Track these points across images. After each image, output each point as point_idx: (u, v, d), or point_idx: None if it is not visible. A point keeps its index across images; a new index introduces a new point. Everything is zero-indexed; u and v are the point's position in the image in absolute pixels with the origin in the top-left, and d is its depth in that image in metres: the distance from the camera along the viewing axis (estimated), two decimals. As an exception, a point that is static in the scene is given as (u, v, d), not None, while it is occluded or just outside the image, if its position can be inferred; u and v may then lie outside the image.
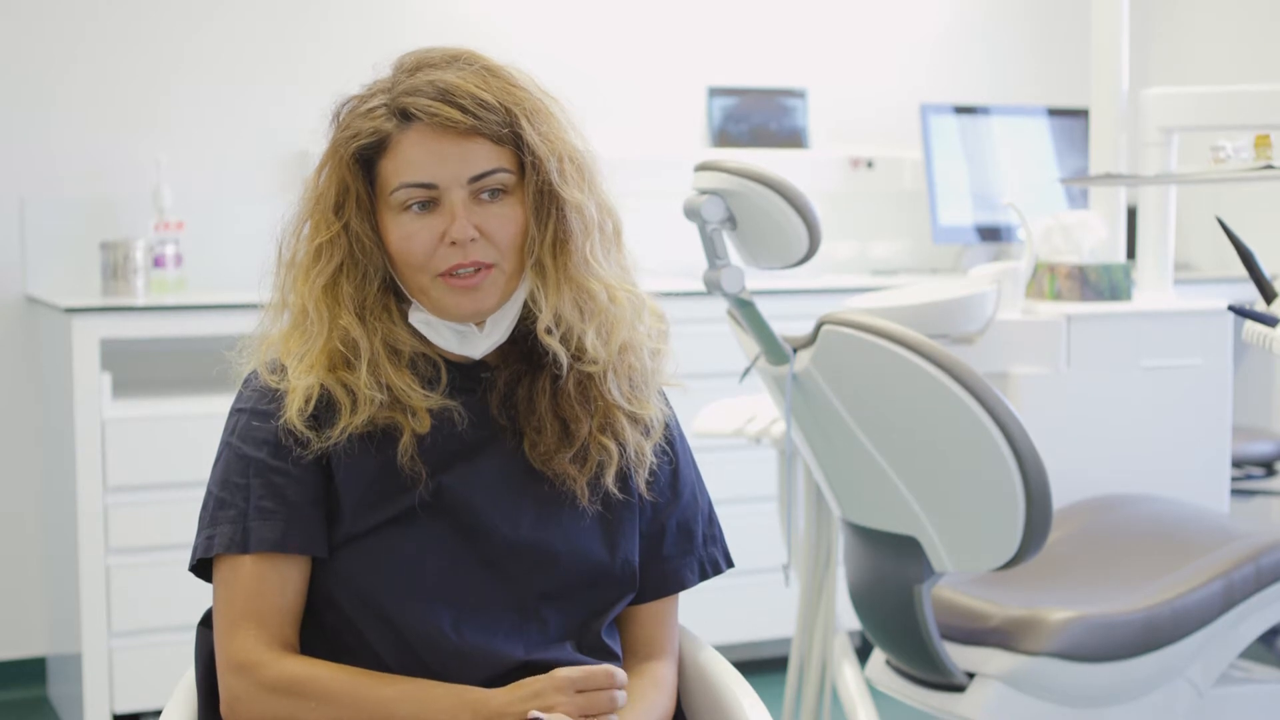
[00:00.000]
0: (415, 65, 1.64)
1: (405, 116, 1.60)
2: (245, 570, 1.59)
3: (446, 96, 1.59)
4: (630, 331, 1.67)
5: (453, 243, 1.59)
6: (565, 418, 1.66)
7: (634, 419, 1.68)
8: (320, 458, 1.61)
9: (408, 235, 1.61)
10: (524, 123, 1.61)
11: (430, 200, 1.60)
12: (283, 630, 1.60)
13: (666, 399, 1.75)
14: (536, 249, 1.63)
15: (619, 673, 1.57)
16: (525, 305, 1.66)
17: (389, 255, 1.63)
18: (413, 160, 1.60)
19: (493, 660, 1.60)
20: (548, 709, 1.53)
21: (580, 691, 1.55)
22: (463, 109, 1.59)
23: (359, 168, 1.62)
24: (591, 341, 1.64)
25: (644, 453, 1.69)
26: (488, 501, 1.63)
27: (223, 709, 1.60)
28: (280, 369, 1.65)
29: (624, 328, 1.66)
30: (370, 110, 1.62)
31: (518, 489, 1.65)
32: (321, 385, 1.61)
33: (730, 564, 1.79)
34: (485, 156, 1.60)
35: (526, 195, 1.62)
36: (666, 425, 1.73)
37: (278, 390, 1.63)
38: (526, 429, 1.66)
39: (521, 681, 1.57)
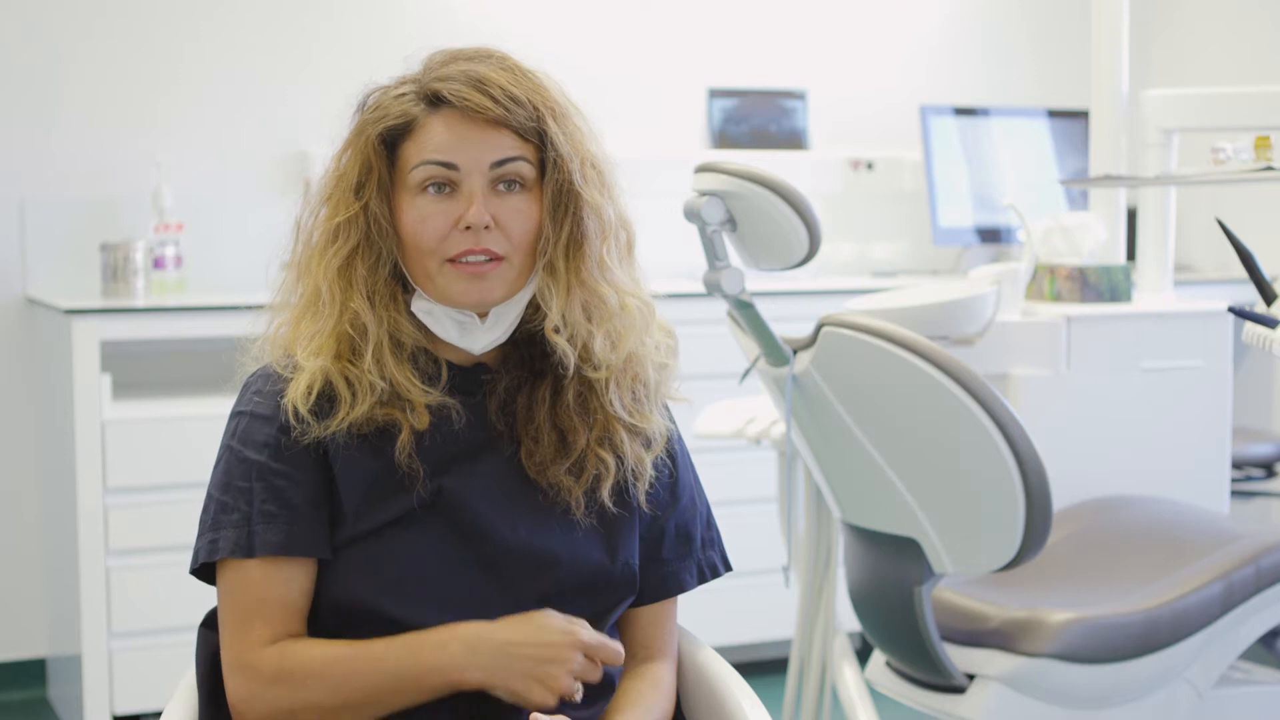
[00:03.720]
0: (447, 58, 1.66)
1: (434, 101, 1.62)
2: (250, 574, 1.59)
3: (477, 84, 1.61)
4: (638, 342, 1.67)
5: (467, 228, 1.60)
6: (563, 428, 1.65)
7: (634, 431, 1.68)
8: (320, 458, 1.61)
9: (423, 217, 1.61)
10: (550, 121, 1.62)
11: (449, 184, 1.61)
12: (289, 630, 1.60)
13: (670, 413, 1.75)
14: (550, 249, 1.63)
15: (622, 652, 1.62)
16: (529, 310, 1.66)
17: (400, 238, 1.63)
18: (437, 141, 1.61)
19: None
20: (556, 660, 1.54)
21: (589, 658, 1.58)
22: (493, 98, 1.60)
23: (383, 149, 1.63)
24: (600, 346, 1.64)
25: (644, 465, 1.68)
26: (487, 505, 1.63)
27: (232, 710, 1.60)
28: (289, 358, 1.65)
29: (632, 336, 1.66)
30: (400, 95, 1.63)
31: (514, 495, 1.65)
32: (325, 376, 1.61)
33: (728, 568, 1.79)
34: (509, 145, 1.61)
35: (545, 194, 1.63)
36: (668, 438, 1.73)
37: (281, 378, 1.63)
38: (524, 437, 1.66)
39: (530, 616, 1.58)
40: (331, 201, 1.65)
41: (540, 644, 1.56)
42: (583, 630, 1.58)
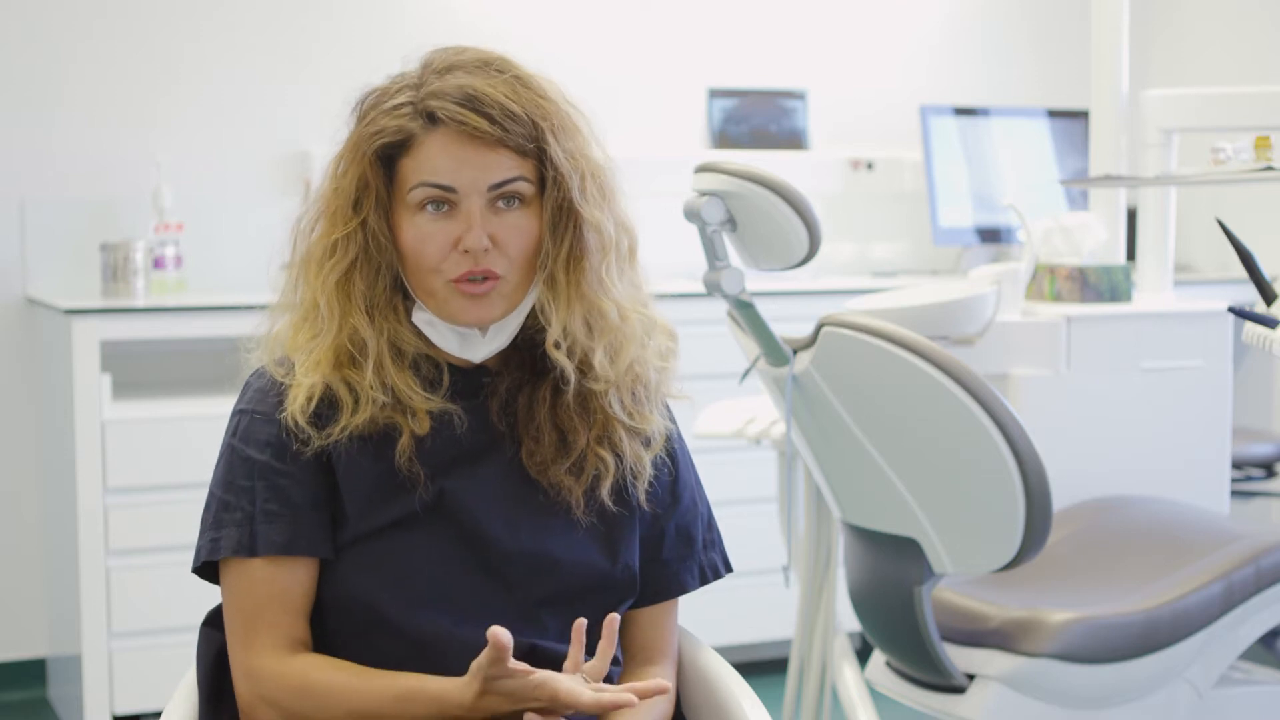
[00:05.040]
0: (445, 66, 1.62)
1: (431, 119, 1.60)
2: (254, 574, 1.59)
3: (474, 104, 1.58)
4: (639, 351, 1.67)
5: (466, 250, 1.59)
6: (563, 428, 1.65)
7: (634, 431, 1.68)
8: (322, 458, 1.61)
9: (422, 237, 1.60)
10: (550, 138, 1.60)
11: (447, 203, 1.60)
12: (293, 630, 1.60)
13: (670, 412, 1.75)
14: (550, 263, 1.62)
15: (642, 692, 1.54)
16: (530, 314, 1.66)
17: (400, 254, 1.62)
18: (435, 163, 1.59)
19: None
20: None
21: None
22: (490, 118, 1.58)
23: (379, 164, 1.62)
24: (600, 359, 1.64)
25: (643, 464, 1.68)
26: (488, 508, 1.63)
27: (241, 714, 1.61)
28: (288, 364, 1.65)
29: (633, 347, 1.66)
30: (396, 108, 1.61)
31: (516, 497, 1.65)
32: (325, 384, 1.61)
33: (729, 569, 1.78)
34: (507, 165, 1.60)
35: (544, 208, 1.62)
36: (668, 438, 1.73)
37: (281, 385, 1.63)
38: (524, 437, 1.66)
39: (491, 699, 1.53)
40: (329, 215, 1.64)
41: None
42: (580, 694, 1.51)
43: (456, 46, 1.66)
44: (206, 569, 1.64)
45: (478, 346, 1.65)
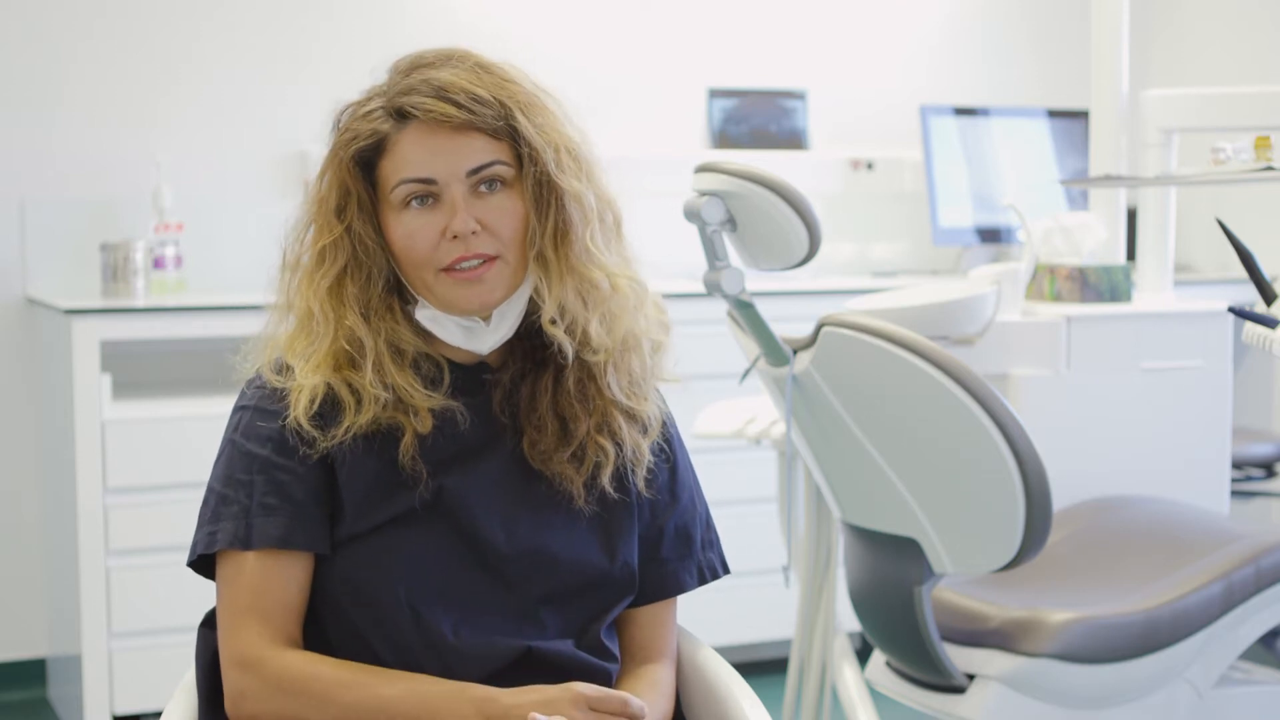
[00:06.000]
0: (409, 66, 1.66)
1: (401, 116, 1.62)
2: (249, 566, 1.60)
3: (441, 93, 1.61)
4: (633, 320, 1.68)
5: (454, 236, 1.60)
6: (564, 415, 1.66)
7: (631, 416, 1.69)
8: (324, 456, 1.62)
9: (410, 232, 1.62)
10: (519, 115, 1.63)
11: (430, 196, 1.62)
12: (286, 626, 1.60)
13: (663, 398, 1.76)
14: (538, 240, 1.64)
15: (634, 701, 1.56)
16: (530, 302, 1.66)
17: (393, 254, 1.64)
18: (411, 157, 1.61)
19: (494, 654, 1.61)
20: (559, 714, 1.52)
21: (594, 710, 1.54)
22: (457, 104, 1.61)
23: (359, 170, 1.64)
24: (595, 329, 1.65)
25: (641, 451, 1.69)
26: (487, 505, 1.64)
27: (227, 705, 1.60)
28: (285, 369, 1.66)
29: (627, 316, 1.67)
30: (368, 113, 1.64)
31: (517, 492, 1.65)
32: (327, 385, 1.62)
33: (727, 570, 1.79)
34: (481, 149, 1.62)
35: (525, 187, 1.63)
36: (664, 423, 1.74)
37: (282, 389, 1.64)
38: (527, 427, 1.67)
39: (534, 686, 1.56)
40: (315, 225, 1.66)
41: (542, 701, 1.54)
42: (581, 685, 1.55)
43: (418, 50, 1.68)
44: (203, 565, 1.65)
45: (483, 337, 1.66)
